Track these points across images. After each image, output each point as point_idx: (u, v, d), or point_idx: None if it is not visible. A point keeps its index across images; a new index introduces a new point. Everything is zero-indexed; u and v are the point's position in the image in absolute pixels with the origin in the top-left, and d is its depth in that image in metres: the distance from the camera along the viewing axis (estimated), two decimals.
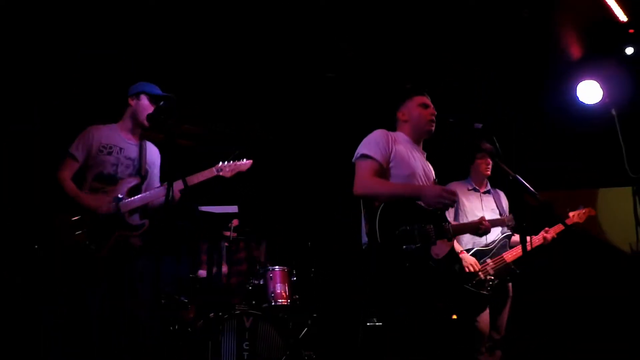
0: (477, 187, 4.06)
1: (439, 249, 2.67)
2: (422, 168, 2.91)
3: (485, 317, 3.76)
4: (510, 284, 3.89)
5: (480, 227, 3.03)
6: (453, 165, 4.40)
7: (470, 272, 3.67)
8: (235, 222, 4.54)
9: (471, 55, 4.59)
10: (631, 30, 4.50)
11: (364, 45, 4.41)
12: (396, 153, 2.80)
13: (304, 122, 5.38)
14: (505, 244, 3.85)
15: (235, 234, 4.35)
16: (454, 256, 2.79)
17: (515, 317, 3.96)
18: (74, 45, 4.36)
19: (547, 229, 3.88)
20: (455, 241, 3.70)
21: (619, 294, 4.91)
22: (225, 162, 3.38)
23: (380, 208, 2.57)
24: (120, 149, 3.33)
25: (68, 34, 4.23)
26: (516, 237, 3.89)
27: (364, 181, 2.72)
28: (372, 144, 2.81)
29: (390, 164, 2.79)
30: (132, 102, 3.36)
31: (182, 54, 4.41)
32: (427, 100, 3.03)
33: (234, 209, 3.29)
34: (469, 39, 4.42)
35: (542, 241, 3.85)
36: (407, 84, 4.57)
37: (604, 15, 4.22)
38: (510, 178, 2.86)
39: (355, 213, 2.94)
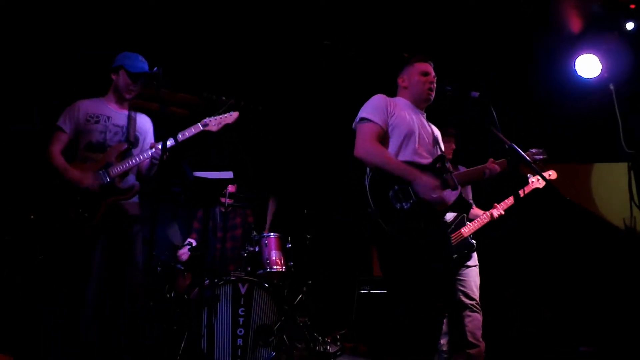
0: None
1: (447, 196, 2.73)
2: (422, 129, 2.92)
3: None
4: (473, 254, 3.92)
5: (485, 171, 2.99)
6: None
7: None
8: (231, 188, 4.55)
9: (468, 28, 4.55)
10: (632, 6, 4.47)
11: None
12: (395, 115, 2.84)
13: (300, 89, 5.35)
14: (463, 218, 3.91)
15: (231, 201, 4.37)
16: (464, 202, 2.81)
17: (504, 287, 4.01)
18: (74, 45, 4.34)
19: (495, 204, 3.94)
20: None
21: (611, 268, 4.96)
22: (212, 117, 3.44)
23: (370, 174, 2.67)
24: (108, 117, 3.37)
25: (68, 34, 4.22)
26: (474, 211, 3.98)
27: (365, 144, 2.76)
28: (371, 107, 2.86)
29: (389, 127, 2.83)
30: (114, 77, 3.41)
31: (176, 23, 4.36)
32: (428, 67, 3.02)
33: (229, 174, 3.28)
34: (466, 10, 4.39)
35: (489, 218, 3.91)
36: (406, 53, 4.56)
37: None
38: (507, 147, 2.87)
39: (351, 180, 2.99)
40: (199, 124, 3.41)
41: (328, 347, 4.49)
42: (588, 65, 4.69)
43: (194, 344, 3.68)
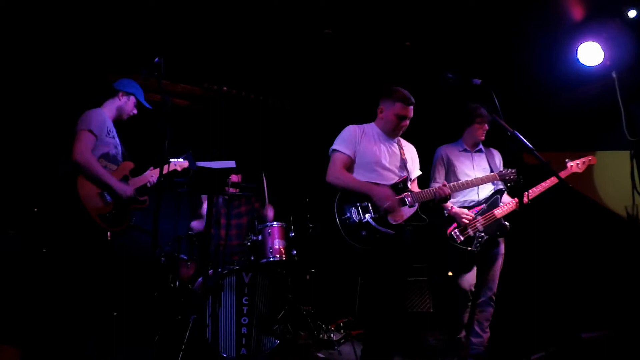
0: (469, 149, 4.06)
1: (397, 216, 3.21)
2: (389, 156, 3.36)
3: (472, 274, 3.81)
4: (502, 241, 3.91)
5: (437, 194, 3.34)
6: (448, 122, 4.40)
7: (467, 223, 3.74)
8: (234, 177, 4.56)
9: (470, 15, 4.53)
10: None
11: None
12: (362, 145, 3.32)
13: (298, 80, 5.34)
14: (496, 200, 3.85)
15: (236, 190, 4.39)
16: (417, 218, 3.27)
17: (508, 274, 4.01)
18: (72, 33, 4.35)
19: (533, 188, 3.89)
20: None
21: (613, 256, 4.96)
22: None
23: (339, 194, 3.21)
24: (114, 134, 3.66)
25: (67, 23, 4.25)
26: (506, 197, 3.93)
27: (334, 172, 3.27)
28: (341, 140, 3.36)
29: (357, 154, 3.32)
30: (122, 98, 3.71)
31: (177, 12, 4.35)
32: (407, 112, 3.35)
33: (231, 164, 3.31)
34: None
35: (515, 207, 3.84)
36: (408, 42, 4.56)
37: None
38: (509, 134, 2.88)
39: None
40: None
41: (332, 334, 4.53)
42: (590, 53, 4.67)
43: (199, 334, 3.71)
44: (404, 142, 3.52)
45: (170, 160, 3.81)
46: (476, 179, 3.68)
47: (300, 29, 4.56)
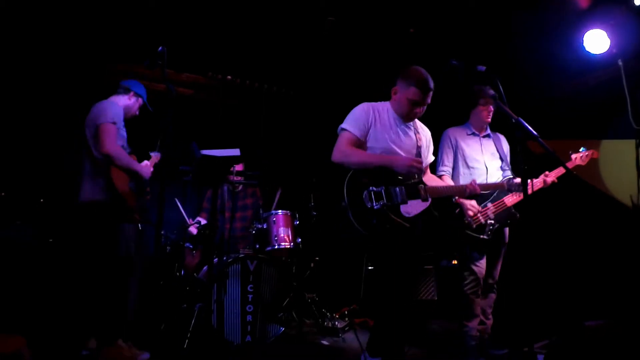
0: (477, 132, 4.03)
1: (411, 208, 2.98)
2: (403, 140, 3.13)
3: (483, 262, 3.82)
4: (506, 230, 3.91)
5: (465, 191, 3.24)
6: (454, 108, 4.38)
7: (470, 216, 3.71)
8: (238, 166, 4.58)
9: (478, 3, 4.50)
10: None
11: None
12: (375, 127, 3.08)
13: (302, 68, 5.32)
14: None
15: (241, 178, 4.41)
16: (429, 213, 3.08)
17: (512, 262, 4.01)
18: (76, 22, 4.36)
19: (547, 172, 3.83)
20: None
21: (618, 245, 4.95)
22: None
23: (350, 173, 2.93)
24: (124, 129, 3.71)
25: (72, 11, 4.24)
26: (518, 180, 3.90)
27: (341, 149, 3.02)
28: (352, 119, 3.10)
29: (370, 136, 3.08)
30: (132, 98, 3.78)
31: (181, 1, 4.34)
32: (422, 98, 3.08)
33: (236, 152, 3.31)
34: None
35: (542, 184, 3.78)
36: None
37: None
38: (513, 121, 2.86)
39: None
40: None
41: (336, 322, 4.55)
42: (596, 41, 4.63)
43: (204, 321, 3.74)
44: (419, 125, 3.31)
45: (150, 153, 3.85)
46: (490, 184, 3.73)
47: (303, 16, 4.53)
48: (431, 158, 3.39)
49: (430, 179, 3.39)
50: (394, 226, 2.91)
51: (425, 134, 3.31)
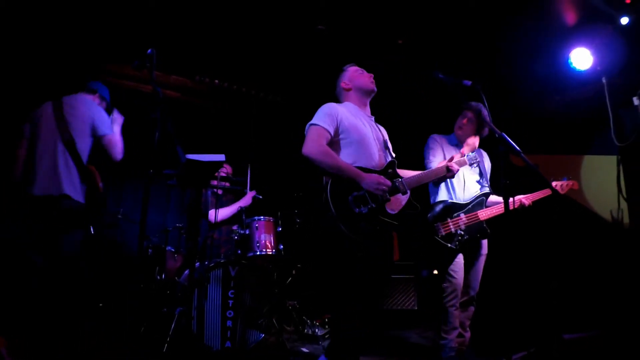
0: (460, 144, 4.02)
1: (394, 204, 2.95)
2: (372, 132, 3.12)
3: (460, 273, 3.83)
4: (484, 242, 3.90)
5: (446, 174, 3.20)
6: (439, 119, 4.41)
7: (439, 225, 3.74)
8: (227, 168, 4.56)
9: (464, 18, 4.55)
10: (628, 0, 4.47)
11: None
12: (344, 123, 3.02)
13: (290, 74, 5.34)
14: (482, 201, 3.82)
15: (227, 184, 4.39)
16: (411, 205, 3.04)
17: (491, 274, 4.03)
18: (62, 22, 4.33)
19: (527, 195, 3.87)
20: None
21: (597, 259, 5.02)
22: None
23: (330, 183, 2.85)
24: None
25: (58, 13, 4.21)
26: (493, 198, 3.93)
27: (313, 144, 2.90)
28: (321, 114, 3.03)
29: (340, 135, 3.00)
30: (96, 100, 3.78)
31: (170, 4, 4.33)
32: (359, 67, 3.28)
33: (221, 157, 3.29)
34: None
35: (517, 205, 3.82)
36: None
37: None
38: (497, 136, 2.89)
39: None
40: None
41: (317, 330, 4.54)
42: (582, 58, 4.71)
43: (184, 326, 3.71)
44: (379, 125, 3.31)
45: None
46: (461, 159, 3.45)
47: (292, 23, 4.56)
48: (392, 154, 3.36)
49: (401, 172, 3.32)
50: (383, 227, 2.88)
51: (384, 131, 3.31)
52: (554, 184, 3.99)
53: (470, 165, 3.45)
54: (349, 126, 3.01)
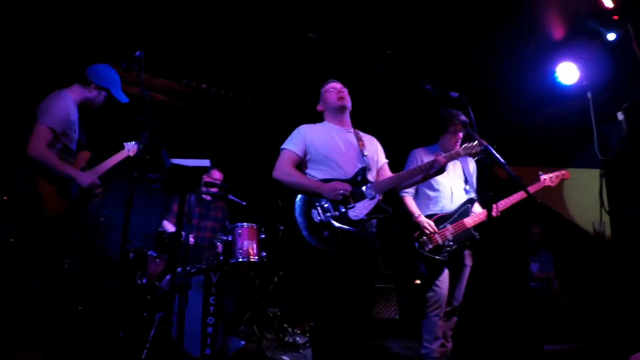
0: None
1: (359, 210, 3.02)
2: (344, 145, 3.23)
3: (445, 283, 3.83)
4: (469, 253, 3.90)
5: (430, 168, 3.18)
6: (424, 129, 4.41)
7: (428, 234, 3.74)
8: (217, 175, 4.53)
9: (449, 27, 4.58)
10: (615, 17, 4.53)
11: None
12: (314, 142, 3.20)
13: (277, 80, 5.33)
14: (467, 209, 3.84)
15: (216, 190, 4.36)
16: (379, 210, 3.06)
17: (473, 285, 4.04)
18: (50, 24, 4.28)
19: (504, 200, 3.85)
20: (412, 207, 3.86)
21: (578, 271, 5.06)
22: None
23: (298, 198, 3.07)
24: (76, 128, 3.51)
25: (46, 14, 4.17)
26: (477, 206, 3.93)
27: (281, 168, 3.17)
28: (290, 139, 3.27)
29: (310, 153, 3.20)
30: (93, 92, 3.53)
31: (159, 7, 4.31)
32: (332, 84, 3.41)
33: (206, 162, 3.27)
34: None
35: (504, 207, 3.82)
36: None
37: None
38: (481, 148, 2.91)
39: None
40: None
41: (297, 338, 4.52)
42: (568, 73, 4.76)
43: (164, 331, 3.66)
44: (362, 134, 3.38)
45: (125, 144, 3.72)
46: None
47: (280, 29, 4.56)
48: (384, 159, 3.39)
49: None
50: (344, 234, 2.95)
51: (369, 139, 3.39)
52: (543, 177, 3.99)
53: (468, 155, 3.35)
54: (318, 144, 3.20)
